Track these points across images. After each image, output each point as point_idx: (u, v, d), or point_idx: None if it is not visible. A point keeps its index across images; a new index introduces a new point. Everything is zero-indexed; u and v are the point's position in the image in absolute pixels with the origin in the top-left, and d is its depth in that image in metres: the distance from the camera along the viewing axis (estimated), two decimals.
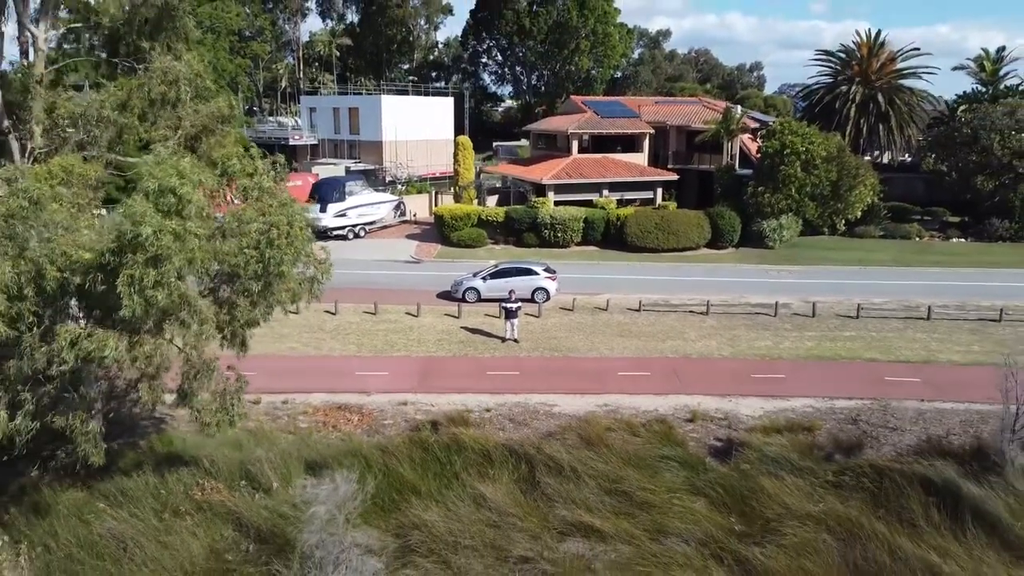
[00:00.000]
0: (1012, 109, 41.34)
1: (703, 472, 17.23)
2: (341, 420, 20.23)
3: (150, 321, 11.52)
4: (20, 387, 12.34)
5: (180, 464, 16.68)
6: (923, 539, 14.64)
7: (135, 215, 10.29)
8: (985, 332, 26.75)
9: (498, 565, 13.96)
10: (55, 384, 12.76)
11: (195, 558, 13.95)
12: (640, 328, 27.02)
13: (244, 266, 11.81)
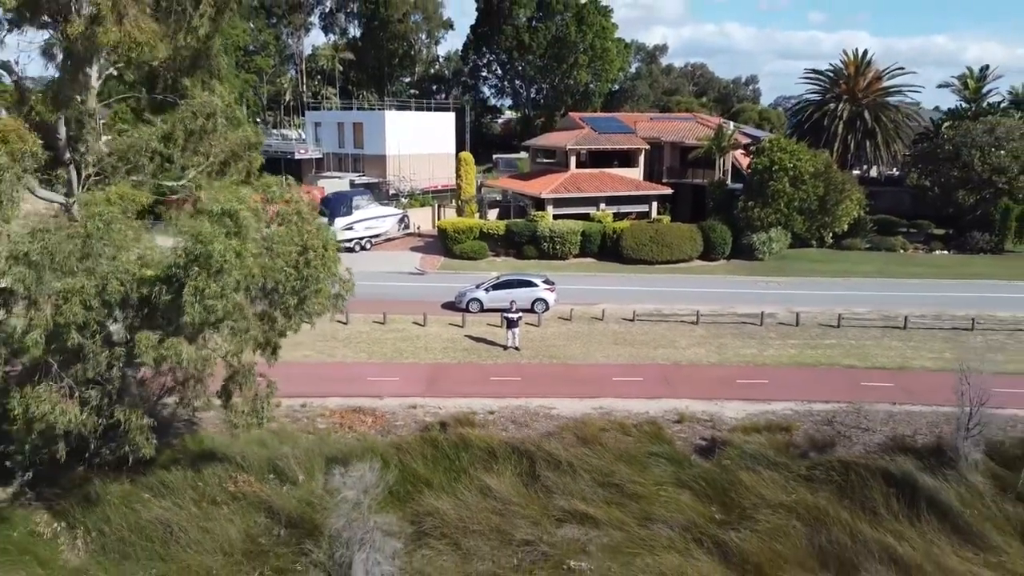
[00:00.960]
0: (992, 127, 43.43)
1: (688, 467, 19.08)
2: (356, 422, 22.05)
3: (205, 328, 13.38)
4: (84, 387, 14.20)
5: (213, 460, 18.51)
6: (882, 524, 16.52)
7: (203, 235, 12.18)
8: (957, 340, 28.66)
9: (502, 547, 15.80)
10: (113, 385, 14.61)
11: (233, 541, 15.78)
12: (634, 337, 28.91)
13: (284, 282, 13.68)
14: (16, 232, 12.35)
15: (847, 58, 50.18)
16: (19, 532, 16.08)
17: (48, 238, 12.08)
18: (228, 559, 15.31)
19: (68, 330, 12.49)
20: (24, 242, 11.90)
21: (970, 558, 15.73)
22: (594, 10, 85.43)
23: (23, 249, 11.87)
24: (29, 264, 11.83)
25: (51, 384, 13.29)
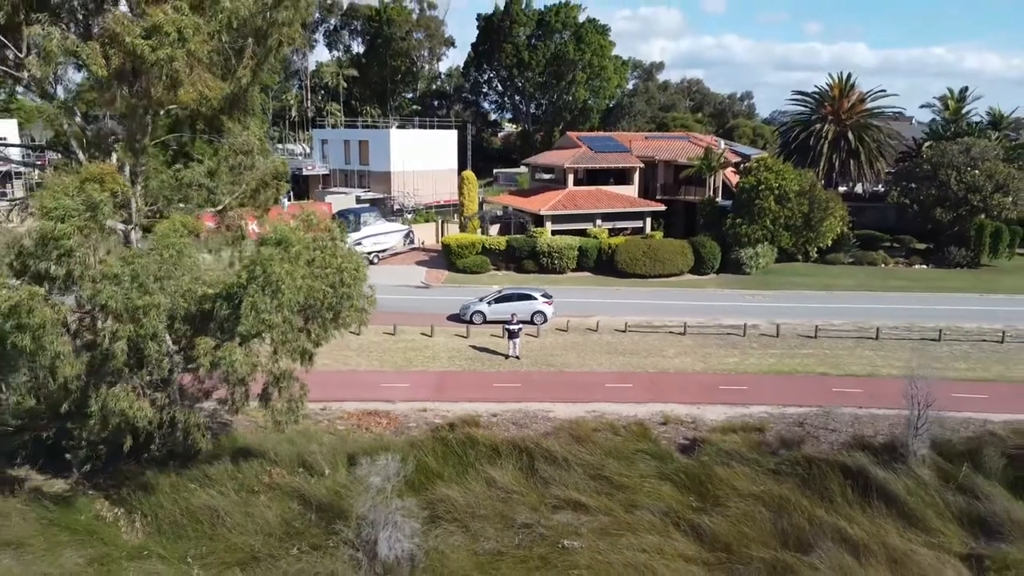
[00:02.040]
0: (967, 147, 46.20)
1: (670, 462, 21.62)
2: (372, 423, 24.63)
3: (253, 338, 15.97)
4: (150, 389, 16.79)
5: (249, 456, 21.05)
6: (836, 510, 19.07)
7: (264, 259, 14.77)
8: (925, 350, 31.23)
9: (505, 529, 18.33)
10: (172, 388, 17.21)
11: (271, 524, 18.30)
12: (625, 347, 31.51)
13: (322, 298, 16.26)
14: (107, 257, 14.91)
15: (832, 81, 53.05)
16: (85, 516, 18.60)
17: (137, 262, 14.65)
18: (268, 539, 17.83)
19: (146, 341, 15.05)
20: (117, 266, 14.46)
21: (911, 539, 18.23)
22: (592, 29, 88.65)
23: (115, 271, 14.43)
24: (119, 284, 14.38)
25: (125, 385, 15.84)
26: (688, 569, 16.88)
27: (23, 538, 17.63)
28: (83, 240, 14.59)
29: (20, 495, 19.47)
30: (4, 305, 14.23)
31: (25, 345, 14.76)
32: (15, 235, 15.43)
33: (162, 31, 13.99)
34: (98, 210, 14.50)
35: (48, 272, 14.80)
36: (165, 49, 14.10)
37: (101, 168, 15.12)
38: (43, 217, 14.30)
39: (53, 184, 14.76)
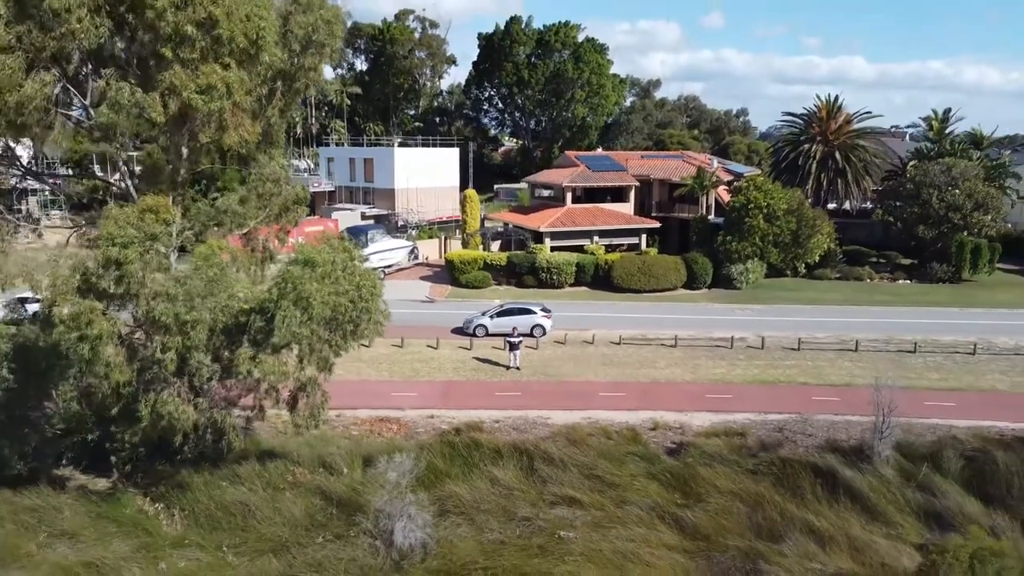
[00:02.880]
0: (948, 167, 48.64)
1: (658, 463, 23.82)
2: (383, 428, 26.84)
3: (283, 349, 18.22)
4: (192, 395, 19.04)
5: (273, 457, 23.24)
6: (807, 506, 21.25)
7: (295, 277, 17.05)
8: (901, 361, 33.50)
9: (507, 522, 20.50)
10: (211, 394, 19.46)
11: (297, 517, 20.47)
12: (620, 358, 33.75)
13: (344, 313, 18.52)
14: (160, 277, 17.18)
15: (820, 102, 55.60)
16: (129, 510, 20.76)
17: (187, 281, 16.92)
18: (295, 530, 19.99)
19: (191, 351, 17.30)
20: (170, 285, 16.73)
21: (872, 530, 20.40)
22: (591, 48, 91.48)
23: (169, 290, 16.70)
24: (171, 301, 16.64)
25: (171, 391, 18.09)
26: (670, 556, 19.03)
27: (76, 529, 19.81)
28: (143, 264, 16.85)
29: (68, 492, 21.68)
30: (66, 314, 16.50)
31: (83, 354, 17.00)
32: (80, 258, 17.71)
33: (215, 88, 16.37)
34: (157, 239, 16.78)
35: (107, 290, 17.07)
36: (216, 102, 16.45)
37: (156, 201, 17.43)
38: (107, 243, 16.60)
39: (115, 214, 17.07)
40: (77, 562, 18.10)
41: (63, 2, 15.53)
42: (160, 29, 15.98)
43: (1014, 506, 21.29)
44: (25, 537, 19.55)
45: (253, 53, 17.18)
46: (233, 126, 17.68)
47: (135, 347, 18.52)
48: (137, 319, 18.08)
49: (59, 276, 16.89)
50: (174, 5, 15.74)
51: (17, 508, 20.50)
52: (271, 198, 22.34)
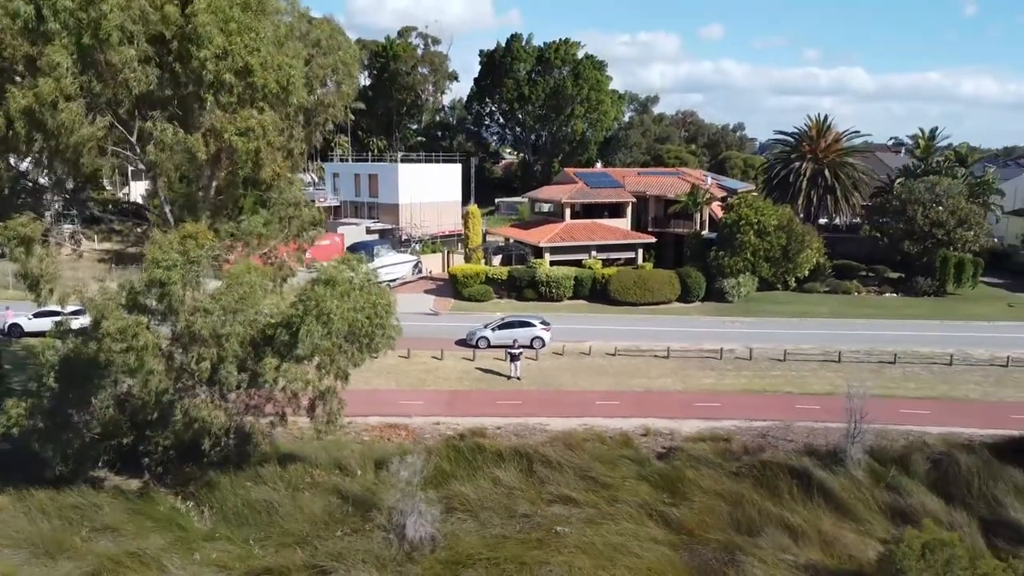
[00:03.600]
0: (932, 185, 50.89)
1: (648, 466, 25.87)
2: (393, 434, 28.93)
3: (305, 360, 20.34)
4: (221, 402, 21.17)
5: (292, 460, 25.32)
6: (783, 504, 23.30)
7: (318, 296, 19.19)
8: (881, 371, 35.59)
9: (508, 518, 22.55)
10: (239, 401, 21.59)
11: (316, 513, 22.54)
12: (615, 369, 35.86)
13: (361, 328, 20.64)
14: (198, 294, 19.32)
15: (810, 122, 57.92)
16: (163, 507, 22.85)
17: (222, 298, 19.05)
18: (315, 525, 22.04)
19: (224, 362, 19.42)
20: (207, 301, 18.86)
21: (842, 526, 22.43)
22: (590, 65, 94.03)
23: (205, 306, 18.83)
24: (208, 315, 18.76)
25: (204, 397, 20.20)
26: (656, 548, 21.06)
27: (116, 524, 21.89)
28: (184, 284, 18.99)
29: (105, 491, 23.76)
30: (115, 327, 18.66)
31: (130, 363, 19.13)
32: (128, 278, 19.83)
33: (252, 130, 18.57)
34: (198, 263, 18.94)
35: (150, 306, 19.19)
36: (253, 142, 18.65)
37: (195, 228, 19.59)
38: (153, 266, 18.75)
39: (160, 240, 19.25)
40: (121, 552, 20.15)
41: (121, 56, 17.75)
42: (203, 77, 18.18)
43: (972, 504, 23.36)
44: (70, 531, 21.64)
45: (283, 97, 19.40)
46: (267, 162, 19.88)
47: (172, 357, 20.62)
48: (176, 332, 20.18)
49: (108, 293, 19.03)
50: (215, 56, 17.94)
51: (61, 505, 22.60)
52: (291, 221, 24.49)
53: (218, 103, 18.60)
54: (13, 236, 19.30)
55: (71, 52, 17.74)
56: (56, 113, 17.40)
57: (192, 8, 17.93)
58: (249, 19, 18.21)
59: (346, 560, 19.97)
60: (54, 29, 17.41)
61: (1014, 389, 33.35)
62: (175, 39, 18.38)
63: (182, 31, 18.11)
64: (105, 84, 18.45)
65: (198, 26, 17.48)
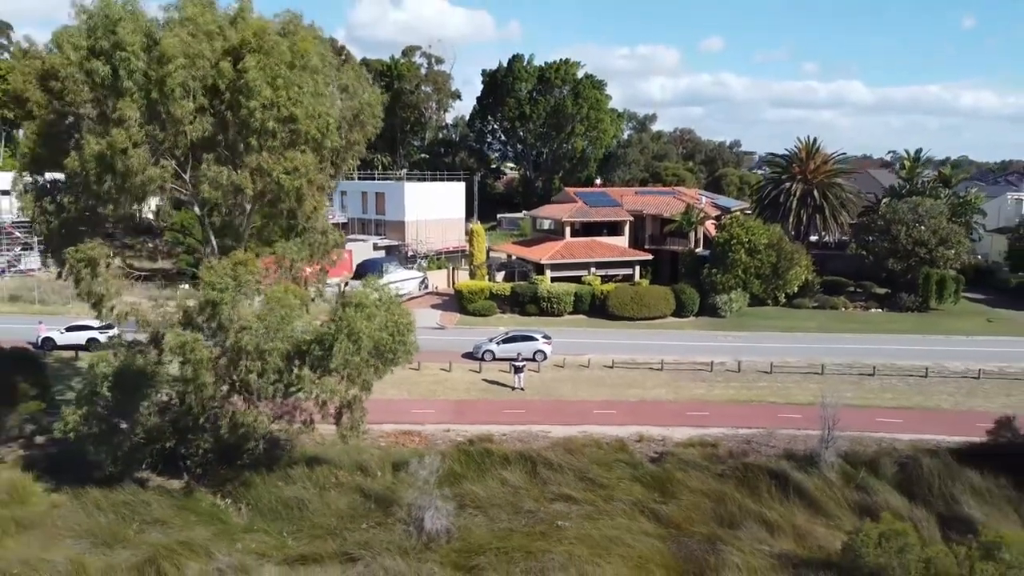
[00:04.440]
0: (915, 205, 53.91)
1: (641, 469, 28.68)
2: (407, 440, 31.72)
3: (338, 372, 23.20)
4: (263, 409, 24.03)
5: (317, 463, 28.12)
6: (762, 502, 26.10)
7: (349, 317, 22.04)
8: (860, 383, 38.44)
9: (515, 514, 25.34)
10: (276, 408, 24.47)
11: (342, 509, 25.32)
12: (612, 380, 38.70)
13: (385, 345, 23.48)
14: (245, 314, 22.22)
15: (800, 144, 61.07)
16: (204, 504, 25.65)
17: (266, 317, 21.90)
18: (342, 519, 24.80)
19: (267, 373, 22.27)
20: (252, 320, 21.72)
21: (814, 521, 25.20)
22: (589, 84, 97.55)
23: (251, 324, 21.69)
24: (253, 333, 21.62)
25: (248, 406, 23.02)
26: (647, 540, 23.83)
27: (164, 518, 24.68)
28: (233, 305, 21.86)
29: (150, 490, 26.56)
30: (175, 342, 21.55)
31: (187, 374, 22.01)
32: (183, 300, 22.72)
33: (298, 170, 21.54)
34: (246, 286, 21.84)
35: (202, 325, 22.07)
36: (297, 180, 21.58)
37: (244, 256, 22.47)
38: (208, 288, 21.63)
39: (214, 266, 22.15)
40: (172, 542, 22.91)
41: (182, 109, 20.69)
42: (251, 124, 21.10)
43: (932, 502, 26.16)
44: (124, 524, 24.43)
45: (320, 140, 22.32)
46: (308, 197, 22.81)
47: (219, 369, 23.46)
48: (224, 348, 22.99)
49: (167, 313, 21.92)
50: (263, 106, 20.86)
51: (113, 502, 25.39)
52: (319, 247, 27.43)
53: (263, 146, 21.50)
54: (82, 258, 22.16)
55: (140, 105, 20.67)
56: (126, 158, 20.30)
57: (244, 65, 20.82)
58: (294, 75, 21.18)
59: (372, 549, 22.74)
60: (126, 86, 20.36)
61: (983, 399, 36.16)
62: (228, 91, 21.29)
63: (234, 84, 21.03)
64: (167, 132, 21.40)
65: (249, 81, 20.36)
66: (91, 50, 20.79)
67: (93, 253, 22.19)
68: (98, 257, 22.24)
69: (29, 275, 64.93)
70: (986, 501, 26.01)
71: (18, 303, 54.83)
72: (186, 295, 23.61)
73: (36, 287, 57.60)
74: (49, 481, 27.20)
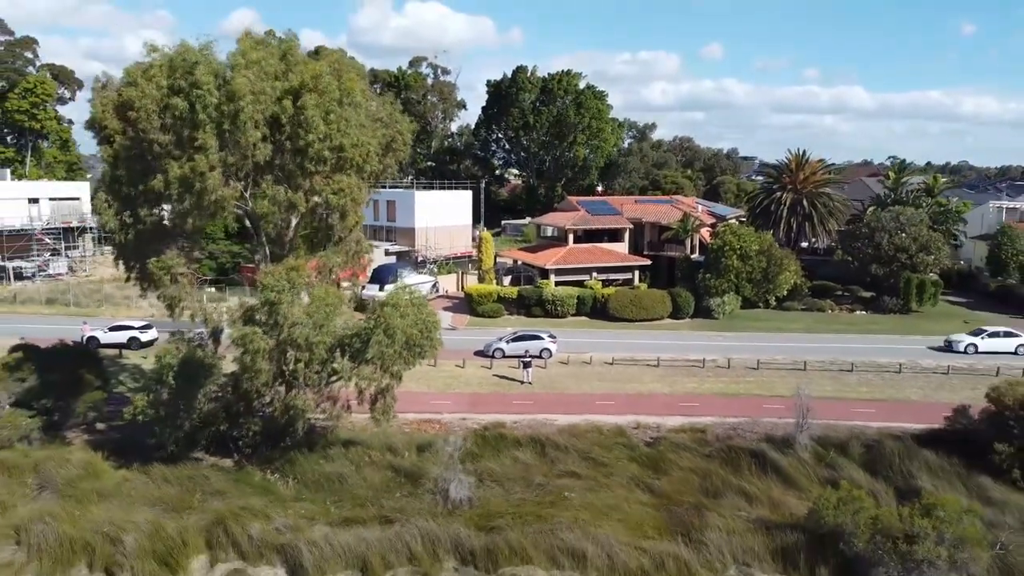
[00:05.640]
0: (897, 214, 58.11)
1: (637, 450, 32.81)
2: (428, 427, 35.85)
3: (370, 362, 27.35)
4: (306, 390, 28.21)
5: (351, 445, 32.24)
6: (742, 477, 30.23)
7: (386, 315, 26.19)
8: (839, 378, 42.58)
9: (527, 487, 29.47)
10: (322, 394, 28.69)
11: (376, 483, 29.46)
12: (612, 375, 42.83)
13: (415, 339, 27.61)
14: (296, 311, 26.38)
15: (790, 156, 65.32)
16: (256, 479, 29.79)
17: (315, 315, 26.03)
18: (377, 491, 28.93)
19: (313, 363, 26.40)
20: (303, 317, 25.86)
21: (788, 493, 29.32)
22: (591, 95, 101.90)
23: (302, 320, 25.84)
24: (303, 327, 25.73)
25: (298, 391, 27.18)
26: (642, 508, 27.96)
27: (222, 490, 28.82)
28: (288, 303, 26.03)
29: (207, 467, 30.70)
30: (238, 335, 25.73)
31: (247, 362, 26.20)
32: (243, 300, 26.88)
33: (344, 191, 25.75)
34: (298, 288, 26.04)
35: (261, 320, 26.23)
36: (344, 199, 25.78)
37: (296, 262, 26.67)
38: (267, 290, 25.81)
39: (271, 271, 26.36)
40: (235, 507, 27.04)
41: (249, 138, 24.87)
42: (307, 152, 25.28)
43: (891, 477, 30.26)
44: (188, 495, 28.55)
45: (362, 165, 26.51)
46: (351, 213, 27.05)
47: (272, 359, 27.61)
48: (278, 340, 27.11)
49: (231, 311, 26.08)
50: (317, 138, 25.08)
51: (178, 476, 29.56)
52: (354, 255, 31.64)
53: (316, 171, 25.64)
54: (162, 267, 26.34)
55: (215, 135, 24.80)
56: (204, 179, 24.46)
57: (302, 103, 25.06)
58: (343, 111, 25.36)
59: (405, 513, 26.88)
60: (203, 119, 24.52)
61: (949, 393, 40.23)
62: (288, 124, 25.48)
63: (294, 119, 25.24)
64: (235, 157, 25.56)
65: (308, 117, 24.60)
66: (170, 88, 24.99)
67: (171, 263, 26.41)
68: (176, 266, 26.45)
69: (58, 279, 69.32)
70: (938, 477, 30.06)
71: (55, 305, 59.04)
72: (245, 298, 27.83)
73: (69, 290, 61.85)
74: (115, 461, 31.37)
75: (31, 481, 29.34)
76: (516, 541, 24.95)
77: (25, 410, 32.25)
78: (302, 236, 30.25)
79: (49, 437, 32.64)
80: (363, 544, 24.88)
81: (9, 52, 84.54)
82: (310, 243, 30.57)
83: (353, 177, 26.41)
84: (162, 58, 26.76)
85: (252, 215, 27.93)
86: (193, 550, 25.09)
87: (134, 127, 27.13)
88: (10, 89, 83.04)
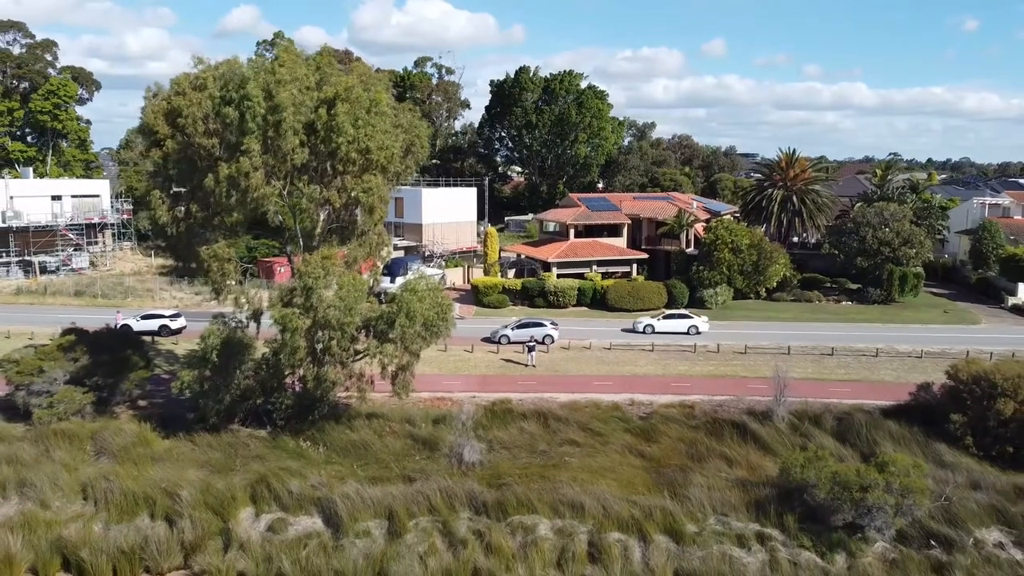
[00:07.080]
0: (881, 210, 61.92)
1: (631, 423, 36.72)
2: (441, 404, 39.74)
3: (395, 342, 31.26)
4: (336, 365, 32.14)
5: (373, 417, 36.17)
6: (725, 444, 34.14)
7: (407, 300, 30.08)
8: (820, 362, 46.45)
9: (531, 453, 33.40)
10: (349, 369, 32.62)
11: (397, 450, 33.41)
12: (610, 359, 46.72)
13: (432, 321, 31.48)
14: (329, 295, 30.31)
15: (781, 154, 69.16)
16: (290, 445, 33.73)
17: (345, 297, 29.95)
18: (397, 456, 32.87)
19: (343, 341, 30.30)
20: (335, 300, 29.77)
21: (765, 458, 33.20)
22: (592, 95, 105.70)
23: (334, 303, 29.74)
24: (335, 308, 29.64)
25: (331, 366, 31.11)
26: (633, 469, 31.89)
27: (261, 455, 32.77)
28: (323, 288, 29.94)
29: (244, 437, 34.64)
30: (278, 315, 29.69)
31: (286, 340, 30.14)
32: (282, 284, 30.74)
33: (371, 189, 29.65)
34: (331, 274, 29.96)
35: (298, 303, 30.17)
36: (371, 196, 29.68)
37: (329, 251, 30.56)
38: (304, 276, 29.72)
39: (308, 259, 30.28)
40: (274, 468, 30.99)
41: (289, 144, 28.75)
42: (338, 154, 29.16)
43: (858, 444, 34.14)
44: (230, 459, 32.48)
45: (386, 166, 30.41)
46: (377, 209, 30.98)
47: (307, 338, 31.51)
48: (314, 320, 30.99)
49: (272, 295, 29.99)
50: (347, 142, 28.94)
51: (220, 443, 33.52)
52: (376, 247, 35.54)
53: (346, 171, 29.50)
54: (212, 255, 30.27)
55: (259, 140, 28.67)
56: (248, 179, 28.35)
57: (335, 111, 28.95)
58: (371, 118, 29.24)
59: (424, 473, 30.81)
60: (251, 127, 28.39)
61: (920, 374, 43.94)
62: (322, 129, 29.37)
63: (327, 124, 29.14)
64: (276, 160, 29.47)
65: (339, 123, 28.49)
66: (222, 99, 28.87)
67: (221, 252, 30.34)
68: (224, 256, 30.36)
69: (81, 273, 73.32)
70: (899, 444, 33.92)
71: (83, 297, 63.05)
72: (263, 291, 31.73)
73: (95, 283, 65.83)
74: (161, 431, 35.31)
75: (89, 448, 33.37)
76: (523, 495, 28.89)
77: (78, 387, 36.16)
78: (333, 230, 34.11)
79: (100, 411, 36.58)
80: (389, 498, 28.83)
81: (31, 54, 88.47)
82: (339, 236, 34.37)
83: (379, 177, 30.30)
84: (208, 70, 30.66)
85: (291, 210, 31.81)
86: (241, 503, 29.04)
87: (182, 132, 31.02)
88: (33, 91, 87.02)
